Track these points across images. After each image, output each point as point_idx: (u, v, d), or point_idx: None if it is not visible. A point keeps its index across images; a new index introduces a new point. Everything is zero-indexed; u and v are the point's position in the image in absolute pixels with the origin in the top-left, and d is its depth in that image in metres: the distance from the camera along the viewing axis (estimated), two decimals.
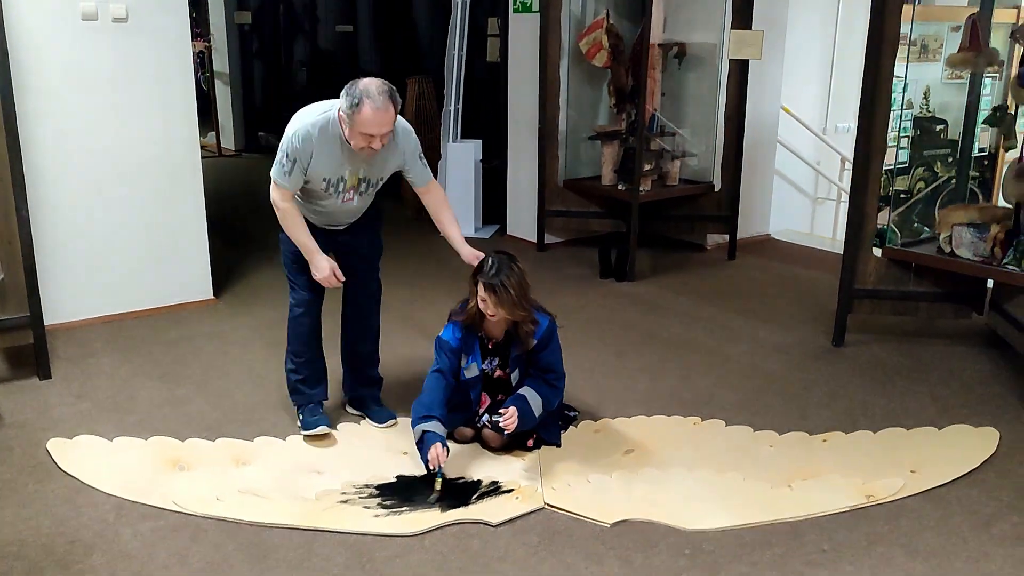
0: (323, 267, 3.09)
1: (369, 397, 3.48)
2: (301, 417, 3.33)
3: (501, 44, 6.21)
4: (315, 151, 2.96)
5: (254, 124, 10.38)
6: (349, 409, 3.52)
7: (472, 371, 3.16)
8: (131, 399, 3.60)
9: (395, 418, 3.42)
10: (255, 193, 7.67)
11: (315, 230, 3.15)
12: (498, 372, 3.21)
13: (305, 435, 3.26)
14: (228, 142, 10.27)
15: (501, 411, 3.04)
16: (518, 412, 3.03)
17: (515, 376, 3.19)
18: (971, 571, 2.54)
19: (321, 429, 3.24)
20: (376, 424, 3.41)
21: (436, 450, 2.88)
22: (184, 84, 4.49)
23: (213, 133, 9.94)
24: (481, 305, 3.02)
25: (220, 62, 10.11)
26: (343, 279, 3.14)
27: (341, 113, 2.90)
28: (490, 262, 3.02)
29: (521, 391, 3.12)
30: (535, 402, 3.10)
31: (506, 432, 3.05)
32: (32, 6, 3.97)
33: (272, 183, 3.03)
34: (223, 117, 10.22)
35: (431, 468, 2.90)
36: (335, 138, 2.96)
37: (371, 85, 2.85)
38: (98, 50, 4.19)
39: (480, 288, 3.00)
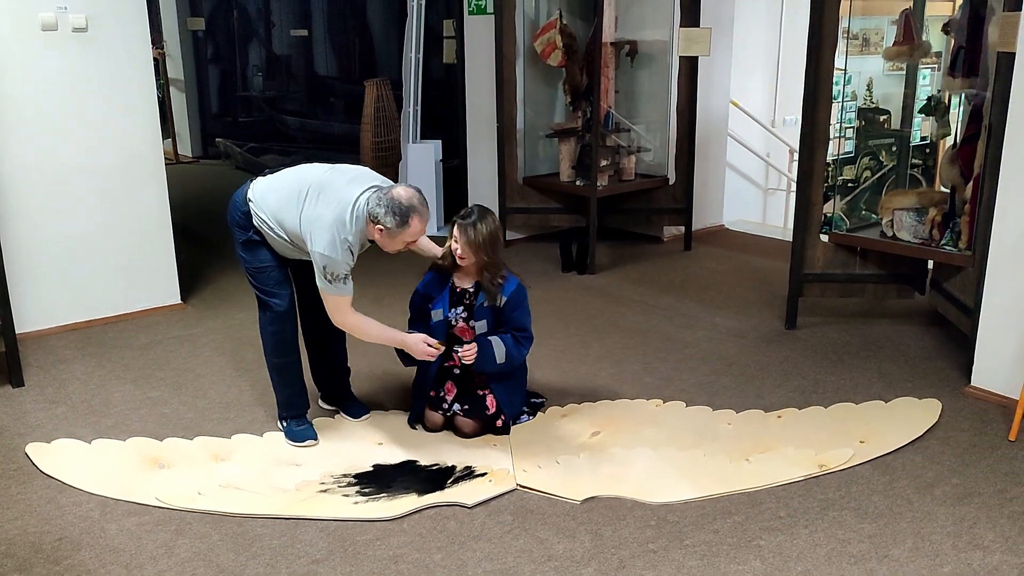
0: (419, 342, 3.13)
1: (343, 391, 3.57)
2: (286, 426, 3.35)
3: (457, 46, 6.32)
4: (355, 249, 3.03)
5: (210, 130, 10.36)
6: (322, 404, 3.61)
7: (437, 316, 3.28)
8: (106, 403, 3.66)
9: (369, 412, 3.53)
10: (215, 199, 7.70)
11: (276, 258, 3.19)
12: (461, 323, 3.29)
13: (292, 444, 3.30)
14: (185, 149, 10.23)
15: (459, 348, 3.21)
16: (479, 349, 3.18)
17: (480, 326, 3.26)
18: (916, 529, 2.72)
19: (310, 443, 3.29)
20: (352, 419, 3.50)
21: (418, 337, 3.10)
22: (145, 91, 4.53)
23: (170, 140, 9.91)
24: (453, 247, 3.20)
25: (174, 69, 10.07)
26: (438, 346, 3.17)
27: (377, 226, 2.95)
28: (469, 208, 3.21)
29: (488, 336, 3.25)
30: (499, 348, 3.23)
31: (464, 361, 3.19)
32: None
33: (333, 304, 3.02)
34: (179, 124, 10.18)
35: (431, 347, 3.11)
36: (361, 232, 3.03)
37: (412, 198, 2.96)
38: (59, 60, 4.23)
39: (455, 229, 3.18)
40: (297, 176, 3.13)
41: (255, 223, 3.13)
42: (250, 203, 3.13)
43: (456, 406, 3.33)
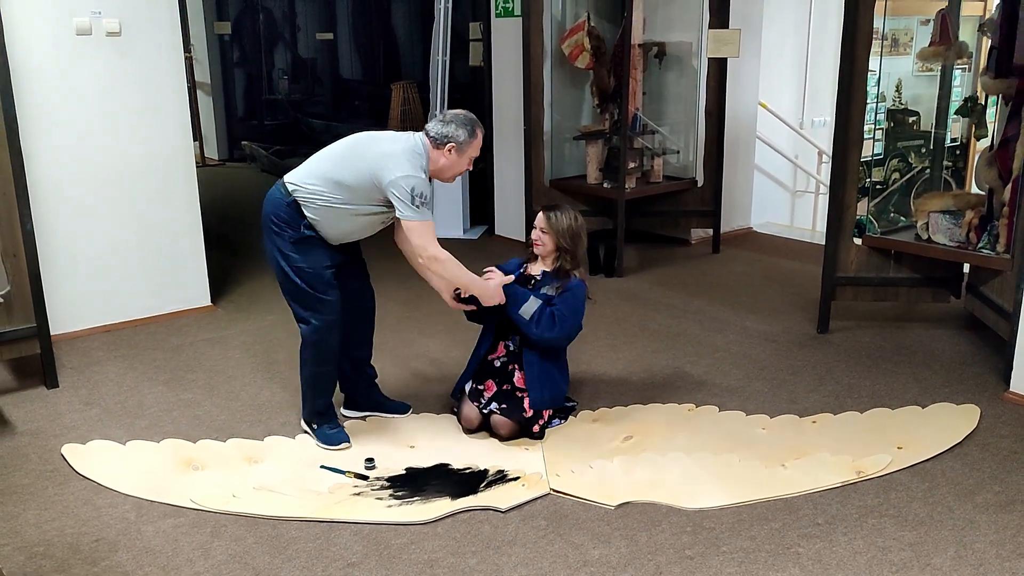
0: (492, 287, 3.20)
1: (375, 393, 3.57)
2: (317, 429, 3.32)
3: (484, 48, 6.32)
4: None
5: (236, 133, 10.44)
6: (344, 412, 3.56)
7: None
8: (139, 404, 3.68)
9: (411, 407, 3.58)
10: (242, 201, 7.75)
11: (325, 247, 3.16)
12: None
13: (327, 448, 3.28)
14: (211, 152, 10.31)
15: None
16: (510, 290, 3.24)
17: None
18: (959, 538, 2.68)
19: (344, 445, 3.29)
20: (399, 415, 3.53)
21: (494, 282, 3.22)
22: (177, 95, 4.56)
23: (197, 143, 9.99)
24: (533, 234, 3.35)
25: (201, 72, 10.15)
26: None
27: (448, 145, 3.06)
28: (556, 203, 3.43)
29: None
30: (532, 303, 3.25)
31: (488, 289, 3.21)
32: (28, 23, 4.04)
33: (421, 232, 3.01)
34: (206, 127, 10.26)
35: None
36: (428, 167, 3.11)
37: (471, 115, 3.16)
38: (93, 64, 4.26)
39: (538, 216, 3.35)
40: (336, 145, 3.16)
41: (307, 211, 3.07)
42: (294, 190, 3.08)
43: (493, 404, 3.32)
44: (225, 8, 10.25)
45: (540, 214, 3.36)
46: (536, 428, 3.33)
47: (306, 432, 3.38)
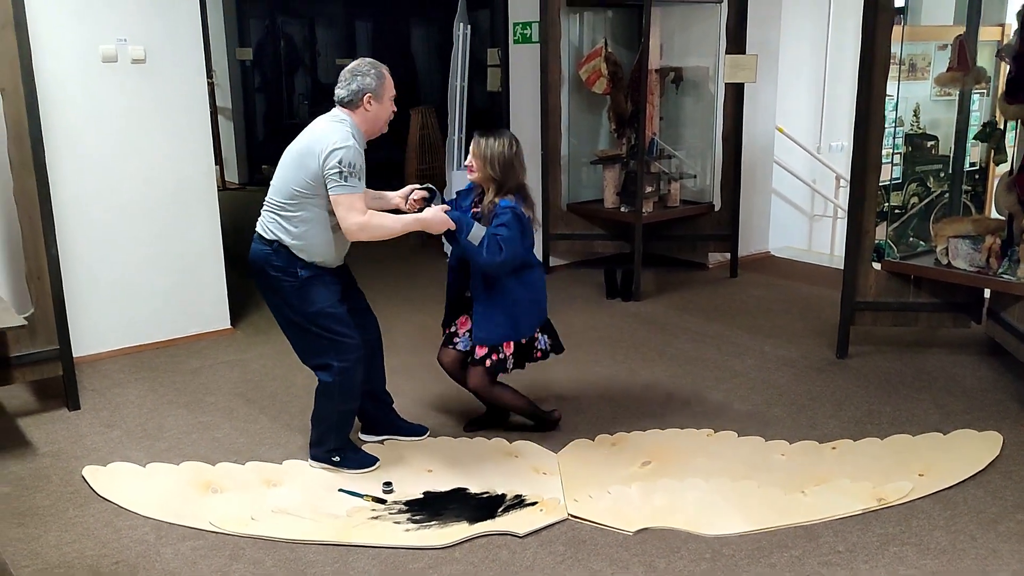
0: (439, 217, 3.14)
1: (393, 417, 3.58)
2: (339, 460, 3.28)
3: (502, 74, 6.37)
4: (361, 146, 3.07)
5: (256, 157, 10.55)
6: (363, 436, 3.55)
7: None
8: (159, 427, 3.70)
9: (427, 430, 3.59)
10: None
11: (329, 272, 3.15)
12: None
13: (362, 472, 3.28)
14: (232, 175, 10.43)
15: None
16: (456, 217, 3.19)
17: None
18: (982, 567, 2.65)
19: (376, 465, 3.30)
20: (417, 438, 3.54)
21: (433, 210, 3.19)
22: (200, 121, 4.63)
23: (217, 167, 10.10)
24: (467, 159, 3.32)
25: (222, 97, 10.28)
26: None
27: (365, 97, 3.04)
28: (499, 129, 3.36)
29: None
30: (476, 228, 3.18)
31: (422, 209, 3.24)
32: (56, 51, 4.12)
33: (347, 205, 2.95)
34: (226, 151, 10.38)
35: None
36: (363, 143, 3.10)
37: (364, 60, 3.12)
38: (118, 90, 4.34)
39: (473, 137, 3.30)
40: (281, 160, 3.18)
41: (293, 239, 3.05)
42: (273, 228, 3.09)
43: (464, 341, 3.40)
44: (247, 34, 10.40)
45: (474, 136, 3.29)
46: (488, 363, 3.34)
47: (325, 467, 3.30)
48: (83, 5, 4.18)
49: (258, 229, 3.16)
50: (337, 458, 3.30)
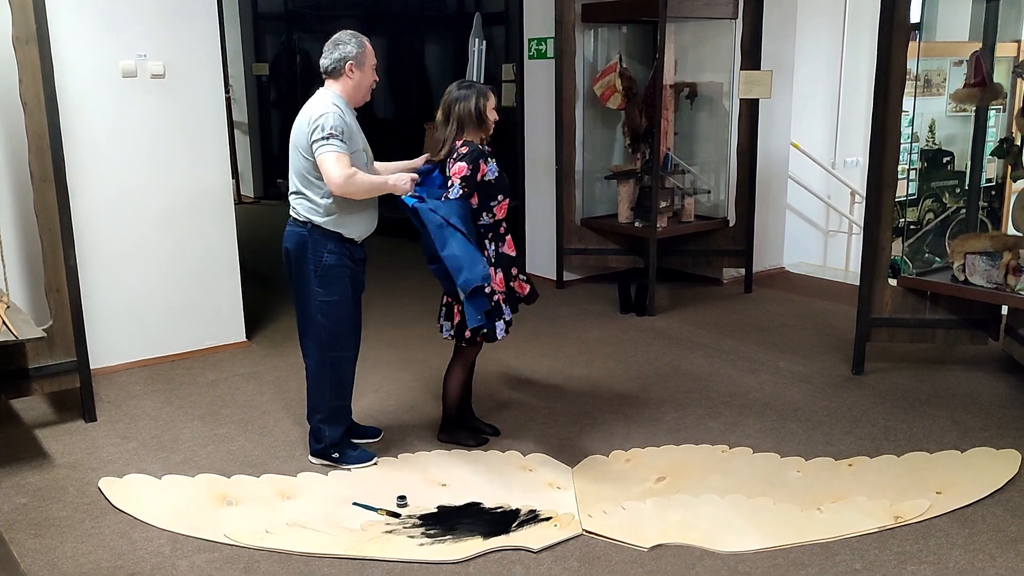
0: (398, 177, 3.20)
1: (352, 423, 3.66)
2: (339, 456, 3.42)
3: (517, 89, 6.40)
4: (350, 122, 3.15)
5: (271, 172, 10.62)
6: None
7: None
8: (175, 439, 3.72)
9: (381, 432, 3.69)
10: (277, 238, 7.80)
11: (352, 263, 3.27)
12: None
13: (360, 467, 3.42)
14: (247, 189, 10.50)
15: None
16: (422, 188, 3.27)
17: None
18: None
19: (376, 459, 3.44)
20: (373, 439, 3.64)
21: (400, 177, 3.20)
22: (217, 135, 4.68)
23: (234, 181, 10.18)
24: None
25: (239, 112, 10.37)
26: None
27: (347, 65, 3.14)
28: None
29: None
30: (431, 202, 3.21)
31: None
32: (77, 66, 4.18)
33: (330, 161, 3.02)
34: (242, 165, 10.47)
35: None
36: (349, 110, 3.19)
37: (345, 31, 3.21)
38: (138, 105, 4.39)
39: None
40: None
41: (326, 214, 3.18)
42: (297, 213, 3.24)
43: (446, 325, 3.43)
44: (263, 50, 10.50)
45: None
46: (467, 335, 3.33)
47: (326, 464, 3.43)
48: (104, 21, 4.23)
49: (291, 212, 3.30)
50: (336, 454, 3.42)
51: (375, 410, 3.96)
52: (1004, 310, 4.32)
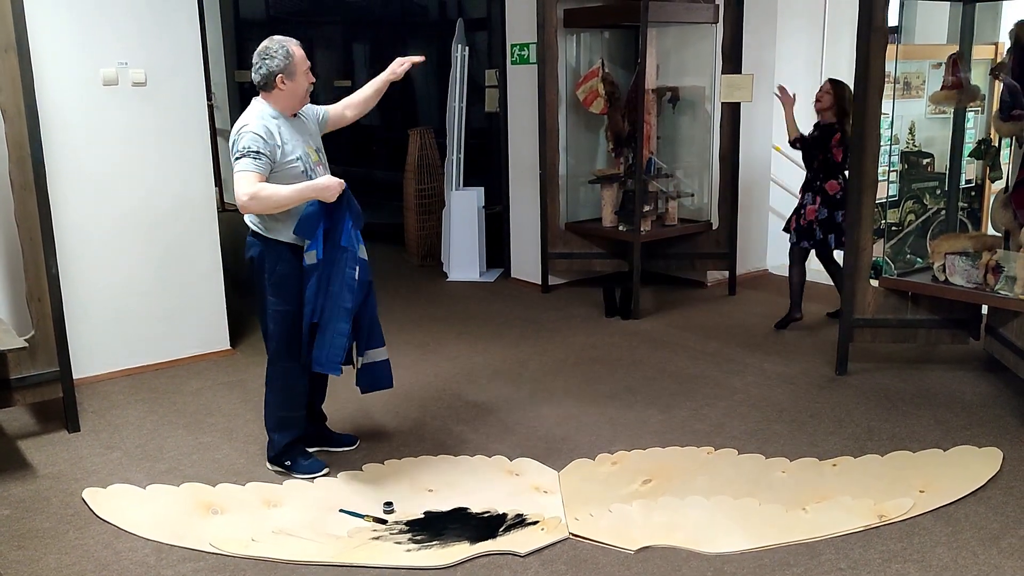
0: (332, 182, 3.14)
1: (326, 430, 3.66)
2: (291, 464, 3.42)
3: (500, 94, 6.42)
4: (279, 135, 3.14)
5: None
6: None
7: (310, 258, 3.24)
8: (159, 448, 3.70)
9: (358, 440, 3.68)
10: None
11: (298, 283, 3.26)
12: None
13: (311, 478, 3.41)
14: (230, 197, 10.44)
15: None
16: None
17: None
18: None
19: (325, 471, 3.43)
20: (349, 447, 3.63)
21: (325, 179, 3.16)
22: (200, 143, 4.66)
23: (216, 188, 10.13)
24: None
25: (221, 119, 10.33)
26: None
27: (278, 79, 3.14)
28: None
29: None
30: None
31: None
32: (58, 74, 4.15)
33: (237, 180, 3.05)
34: (225, 173, 10.41)
35: None
36: (280, 120, 3.18)
37: (273, 39, 3.19)
38: (119, 113, 4.37)
39: None
40: None
41: (272, 222, 3.21)
42: (254, 220, 3.28)
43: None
44: (246, 56, 10.46)
45: None
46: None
47: (280, 472, 3.43)
48: (84, 28, 4.22)
49: (247, 222, 3.35)
50: (288, 462, 3.42)
51: (359, 416, 3.96)
52: (984, 309, 4.36)
